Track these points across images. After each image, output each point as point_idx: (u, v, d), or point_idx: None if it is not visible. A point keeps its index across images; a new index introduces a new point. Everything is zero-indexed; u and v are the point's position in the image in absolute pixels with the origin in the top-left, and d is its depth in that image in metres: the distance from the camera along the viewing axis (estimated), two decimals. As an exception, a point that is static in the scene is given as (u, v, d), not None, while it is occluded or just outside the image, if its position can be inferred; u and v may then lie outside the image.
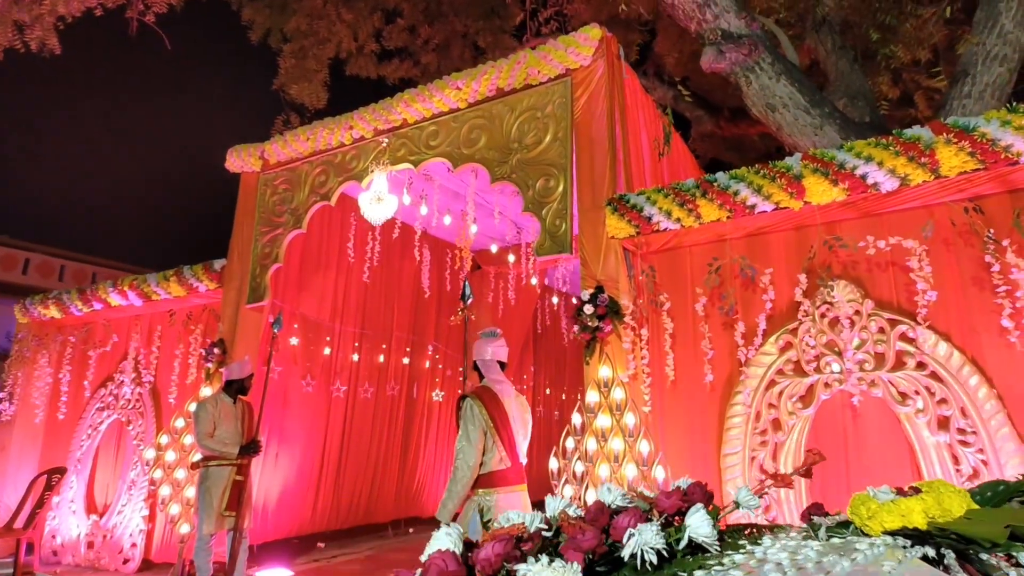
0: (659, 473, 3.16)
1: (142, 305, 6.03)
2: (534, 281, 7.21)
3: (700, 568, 0.81)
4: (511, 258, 6.53)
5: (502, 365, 3.26)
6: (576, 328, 3.52)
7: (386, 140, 5.02)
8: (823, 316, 3.05)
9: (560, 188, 4.01)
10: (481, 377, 3.25)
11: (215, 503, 4.44)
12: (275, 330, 5.04)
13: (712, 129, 5.99)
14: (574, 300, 9.49)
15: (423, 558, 0.86)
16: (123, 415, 5.92)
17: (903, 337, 2.85)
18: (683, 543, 0.89)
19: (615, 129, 3.93)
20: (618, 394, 3.39)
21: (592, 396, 3.49)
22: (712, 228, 3.42)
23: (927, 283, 2.73)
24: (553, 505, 1.00)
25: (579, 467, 3.47)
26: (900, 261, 2.96)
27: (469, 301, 3.59)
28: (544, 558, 0.79)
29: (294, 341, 6.10)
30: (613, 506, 1.01)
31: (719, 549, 0.90)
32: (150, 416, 5.76)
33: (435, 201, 5.72)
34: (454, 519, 3.02)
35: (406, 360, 7.45)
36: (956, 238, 2.86)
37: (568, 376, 10.36)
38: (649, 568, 0.82)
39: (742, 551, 0.88)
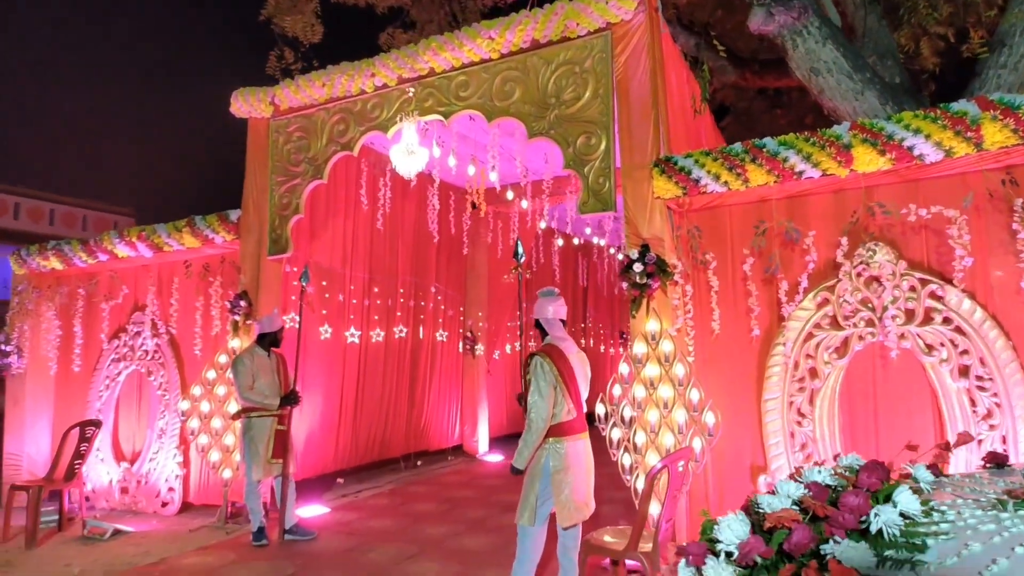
0: (709, 418, 3.51)
1: (152, 256, 5.92)
2: (542, 225, 7.33)
3: (932, 536, 1.06)
4: (524, 203, 6.59)
5: (563, 323, 3.46)
6: (625, 285, 3.73)
7: (412, 89, 4.91)
8: (859, 275, 3.34)
9: (603, 146, 4.08)
10: (544, 334, 3.45)
11: (261, 451, 4.65)
12: (303, 284, 5.09)
13: (736, 80, 6.03)
14: (576, 241, 9.66)
15: (725, 536, 1.07)
16: (142, 366, 5.94)
17: (932, 295, 3.18)
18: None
19: (657, 87, 3.99)
20: (666, 346, 3.67)
21: (639, 347, 3.76)
22: (754, 190, 3.61)
23: (965, 250, 3.03)
24: (786, 489, 1.23)
25: (627, 412, 3.79)
26: (933, 225, 3.24)
27: (522, 260, 3.72)
28: (846, 540, 1.02)
29: (310, 289, 6.15)
30: (824, 483, 1.24)
31: (923, 520, 1.14)
32: (172, 367, 5.81)
33: (452, 147, 5.68)
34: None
35: (411, 303, 7.61)
36: (986, 204, 3.14)
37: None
38: (890, 538, 1.06)
39: (944, 520, 1.14)
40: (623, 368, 3.82)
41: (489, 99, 4.63)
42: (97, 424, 5.21)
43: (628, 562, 3.04)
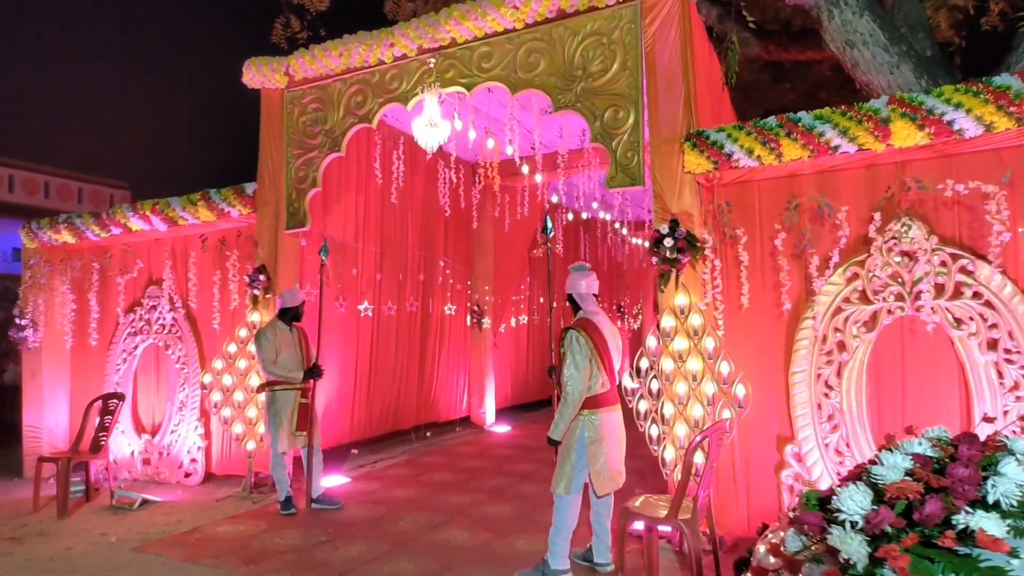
0: (739, 391, 3.58)
1: (167, 230, 5.86)
2: (553, 199, 7.29)
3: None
4: (539, 177, 6.54)
5: (596, 297, 3.49)
6: (655, 260, 3.75)
7: (433, 60, 4.82)
8: (890, 250, 3.38)
9: (631, 119, 4.05)
10: (576, 309, 3.49)
11: (286, 424, 4.71)
12: (323, 257, 5.08)
13: (759, 53, 5.92)
14: (584, 216, 9.61)
15: (848, 507, 1.11)
16: (159, 340, 5.94)
17: (962, 270, 3.23)
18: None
19: (687, 59, 3.94)
20: (695, 320, 3.71)
21: (668, 321, 3.80)
22: (785, 164, 3.61)
23: (1003, 225, 3.07)
24: (892, 460, 1.26)
25: (654, 385, 3.86)
26: (966, 200, 3.27)
27: (551, 234, 3.73)
28: (978, 510, 1.06)
29: (328, 263, 6.13)
30: (926, 454, 1.28)
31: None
32: (190, 341, 5.82)
33: (470, 119, 5.61)
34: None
35: (421, 276, 7.62)
36: (1019, 180, 3.17)
37: (559, 287, 10.77)
38: (1007, 508, 1.10)
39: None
40: (651, 341, 3.87)
41: (513, 71, 4.56)
42: (120, 397, 5.24)
43: (660, 528, 3.13)
